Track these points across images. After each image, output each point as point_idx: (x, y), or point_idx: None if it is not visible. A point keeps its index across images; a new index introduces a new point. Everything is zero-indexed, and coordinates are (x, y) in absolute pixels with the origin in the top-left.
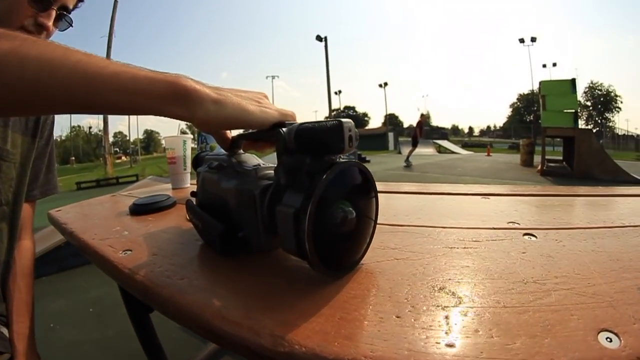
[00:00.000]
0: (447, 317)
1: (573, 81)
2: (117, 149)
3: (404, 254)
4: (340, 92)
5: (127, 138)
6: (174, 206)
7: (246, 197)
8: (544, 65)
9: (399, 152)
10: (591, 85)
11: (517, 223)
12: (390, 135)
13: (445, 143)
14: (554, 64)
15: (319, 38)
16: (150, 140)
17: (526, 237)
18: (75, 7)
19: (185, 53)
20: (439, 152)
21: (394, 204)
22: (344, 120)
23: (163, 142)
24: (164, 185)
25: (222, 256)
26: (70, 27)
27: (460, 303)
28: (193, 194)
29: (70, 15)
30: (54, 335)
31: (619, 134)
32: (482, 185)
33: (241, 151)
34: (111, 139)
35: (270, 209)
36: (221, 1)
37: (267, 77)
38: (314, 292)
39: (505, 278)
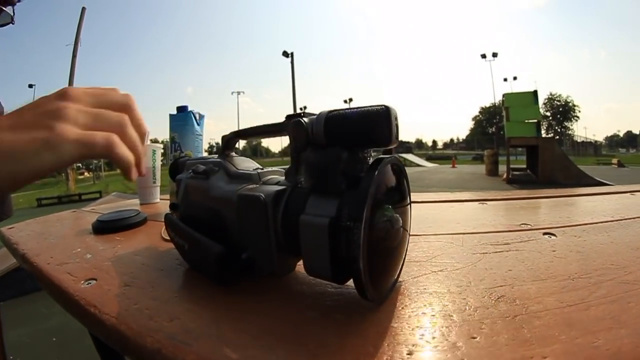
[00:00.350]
0: (523, 327)
1: (535, 93)
2: (80, 164)
3: (438, 266)
4: (305, 107)
5: None
6: (145, 223)
7: (252, 206)
8: (505, 79)
9: None
10: (550, 96)
11: (530, 224)
12: None
13: (410, 156)
14: (515, 78)
15: (285, 54)
16: None
17: (546, 236)
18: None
19: (151, 65)
20: (405, 165)
21: None
22: (388, 105)
23: None
24: (130, 201)
25: (219, 285)
26: (11, 24)
27: (526, 310)
28: (173, 206)
29: (10, 10)
30: None
31: (578, 141)
32: (473, 192)
33: (233, 153)
34: None
35: (287, 220)
36: (189, 16)
37: (232, 93)
38: (357, 323)
39: (553, 277)
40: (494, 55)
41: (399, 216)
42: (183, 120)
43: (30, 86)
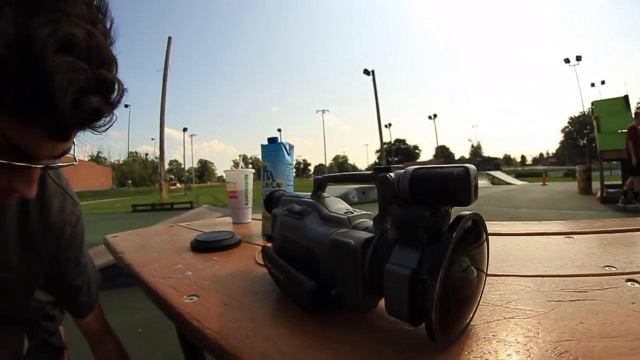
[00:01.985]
0: None
1: (626, 98)
2: (172, 176)
3: (511, 312)
4: (390, 125)
5: (182, 166)
6: (239, 245)
7: (343, 251)
8: (593, 84)
9: None
10: None
11: (614, 267)
12: None
13: (498, 174)
14: (603, 82)
15: (366, 72)
16: (204, 169)
17: (629, 283)
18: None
19: (236, 86)
20: (493, 183)
21: None
22: (469, 166)
23: (222, 173)
24: (224, 219)
25: (308, 314)
26: (74, 164)
27: None
28: (269, 238)
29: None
30: None
31: None
32: (560, 222)
33: (325, 194)
34: (166, 166)
35: (374, 265)
36: (272, 36)
37: (317, 111)
38: None
39: (624, 336)
40: (578, 59)
41: (474, 269)
42: (274, 151)
43: (126, 106)
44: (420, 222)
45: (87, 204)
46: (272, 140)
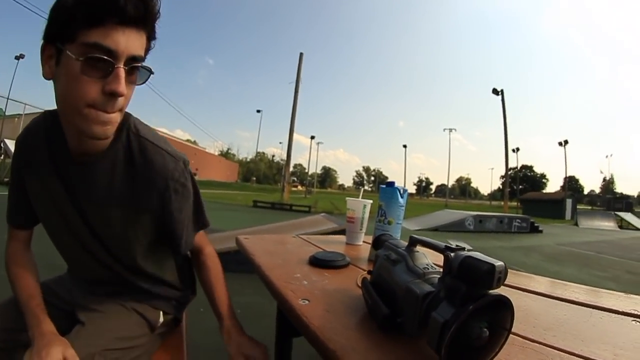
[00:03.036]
0: None
1: None
2: (295, 178)
3: None
4: (518, 149)
5: (306, 170)
6: (347, 267)
7: (411, 296)
8: None
9: (576, 224)
10: None
11: None
12: (569, 202)
13: (628, 216)
14: None
15: (495, 91)
16: (326, 176)
17: None
18: (147, 51)
19: (365, 98)
20: (620, 227)
21: (538, 311)
22: (497, 264)
23: (344, 182)
24: (338, 237)
25: (380, 330)
26: (152, 75)
27: None
28: (370, 272)
29: (146, 64)
30: (201, 318)
31: None
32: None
33: (416, 249)
34: (291, 169)
35: (427, 310)
36: (401, 50)
37: (444, 130)
38: None
39: None
40: None
41: (486, 330)
42: (390, 194)
43: (258, 111)
44: (458, 292)
45: (212, 193)
46: (390, 184)
